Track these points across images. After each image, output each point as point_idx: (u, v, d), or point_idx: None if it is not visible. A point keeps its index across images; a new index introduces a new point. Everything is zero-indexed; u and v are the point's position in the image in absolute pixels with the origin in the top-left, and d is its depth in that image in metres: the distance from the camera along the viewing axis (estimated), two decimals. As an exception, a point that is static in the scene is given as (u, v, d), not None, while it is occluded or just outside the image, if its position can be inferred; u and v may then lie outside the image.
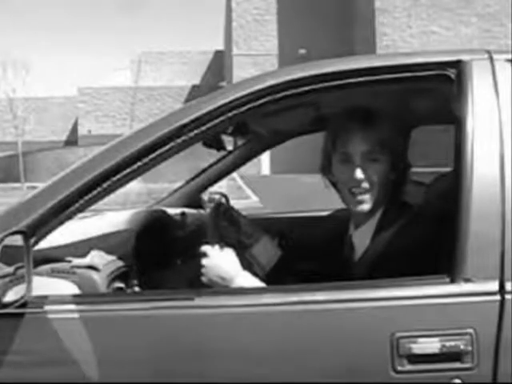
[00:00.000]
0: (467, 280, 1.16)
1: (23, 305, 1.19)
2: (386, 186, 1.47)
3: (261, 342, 1.18)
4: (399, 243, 1.40)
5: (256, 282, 1.41)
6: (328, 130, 1.57)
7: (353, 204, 1.48)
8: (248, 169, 9.61)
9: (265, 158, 21.41)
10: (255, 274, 1.47)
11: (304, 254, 2.10)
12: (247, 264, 1.59)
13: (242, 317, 1.19)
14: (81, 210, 1.28)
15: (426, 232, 1.39)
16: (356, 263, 1.53)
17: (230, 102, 1.29)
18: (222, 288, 1.39)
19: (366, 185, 1.45)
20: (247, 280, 1.41)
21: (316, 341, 1.17)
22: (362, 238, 1.52)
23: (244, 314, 1.20)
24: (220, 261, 1.42)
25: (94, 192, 1.26)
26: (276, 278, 1.64)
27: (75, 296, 1.30)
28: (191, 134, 1.29)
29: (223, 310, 1.20)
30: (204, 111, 1.29)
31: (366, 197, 1.46)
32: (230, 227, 1.76)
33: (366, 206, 1.47)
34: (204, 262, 1.42)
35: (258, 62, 24.04)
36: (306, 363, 1.16)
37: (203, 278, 1.41)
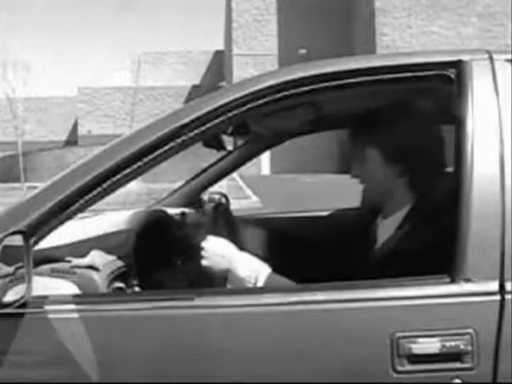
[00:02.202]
0: (467, 280, 1.16)
1: (23, 305, 1.19)
2: (387, 182, 1.51)
3: (261, 342, 1.17)
4: (408, 239, 1.40)
5: (257, 262, 1.42)
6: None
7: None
8: (248, 169, 9.61)
9: (265, 158, 21.40)
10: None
11: (304, 253, 2.10)
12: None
13: (242, 317, 1.19)
14: (81, 209, 1.28)
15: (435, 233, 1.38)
16: (374, 253, 1.54)
17: (230, 102, 1.29)
18: (221, 288, 1.40)
19: (362, 179, 1.59)
20: (248, 258, 1.42)
21: (316, 341, 1.17)
22: (385, 230, 1.53)
23: (244, 314, 1.19)
24: (219, 241, 1.46)
25: (94, 192, 1.26)
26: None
27: (75, 296, 1.30)
28: (191, 134, 1.29)
29: (223, 310, 1.20)
30: (204, 111, 1.29)
31: (366, 191, 1.61)
32: (229, 227, 1.76)
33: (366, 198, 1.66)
34: (203, 244, 1.44)
35: (258, 61, 24.05)
36: (306, 363, 1.16)
37: (204, 262, 1.42)
